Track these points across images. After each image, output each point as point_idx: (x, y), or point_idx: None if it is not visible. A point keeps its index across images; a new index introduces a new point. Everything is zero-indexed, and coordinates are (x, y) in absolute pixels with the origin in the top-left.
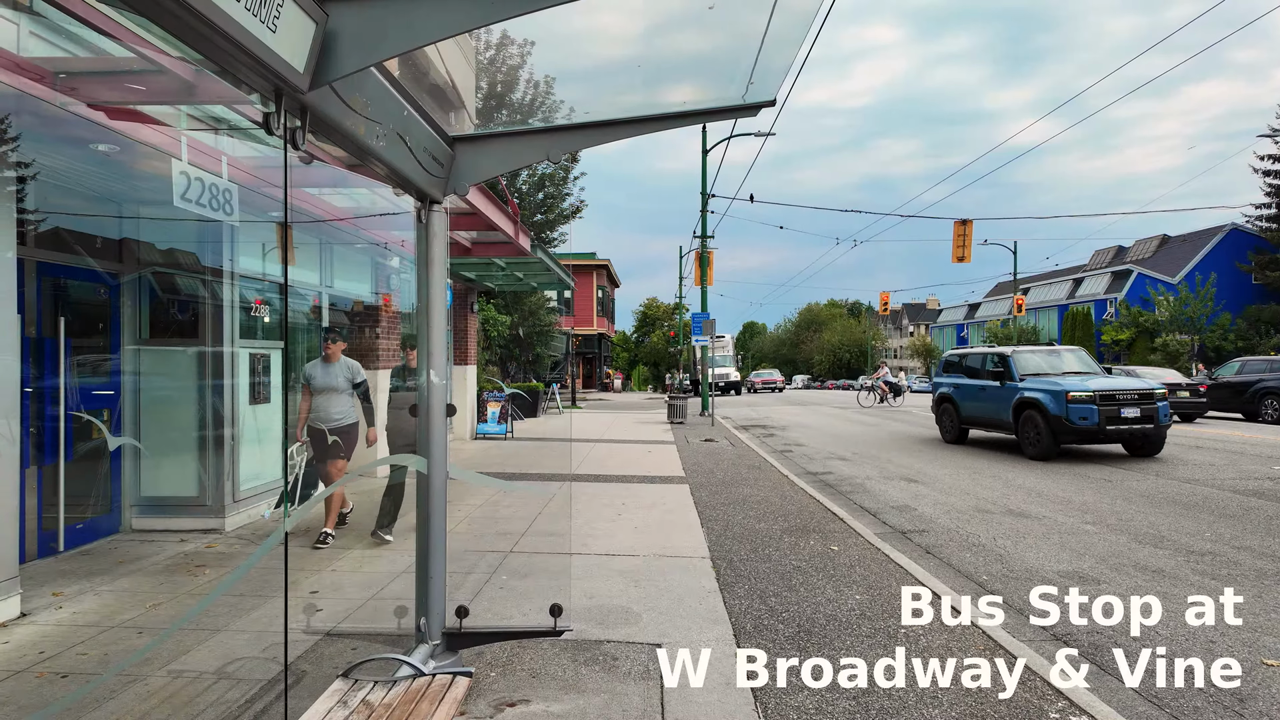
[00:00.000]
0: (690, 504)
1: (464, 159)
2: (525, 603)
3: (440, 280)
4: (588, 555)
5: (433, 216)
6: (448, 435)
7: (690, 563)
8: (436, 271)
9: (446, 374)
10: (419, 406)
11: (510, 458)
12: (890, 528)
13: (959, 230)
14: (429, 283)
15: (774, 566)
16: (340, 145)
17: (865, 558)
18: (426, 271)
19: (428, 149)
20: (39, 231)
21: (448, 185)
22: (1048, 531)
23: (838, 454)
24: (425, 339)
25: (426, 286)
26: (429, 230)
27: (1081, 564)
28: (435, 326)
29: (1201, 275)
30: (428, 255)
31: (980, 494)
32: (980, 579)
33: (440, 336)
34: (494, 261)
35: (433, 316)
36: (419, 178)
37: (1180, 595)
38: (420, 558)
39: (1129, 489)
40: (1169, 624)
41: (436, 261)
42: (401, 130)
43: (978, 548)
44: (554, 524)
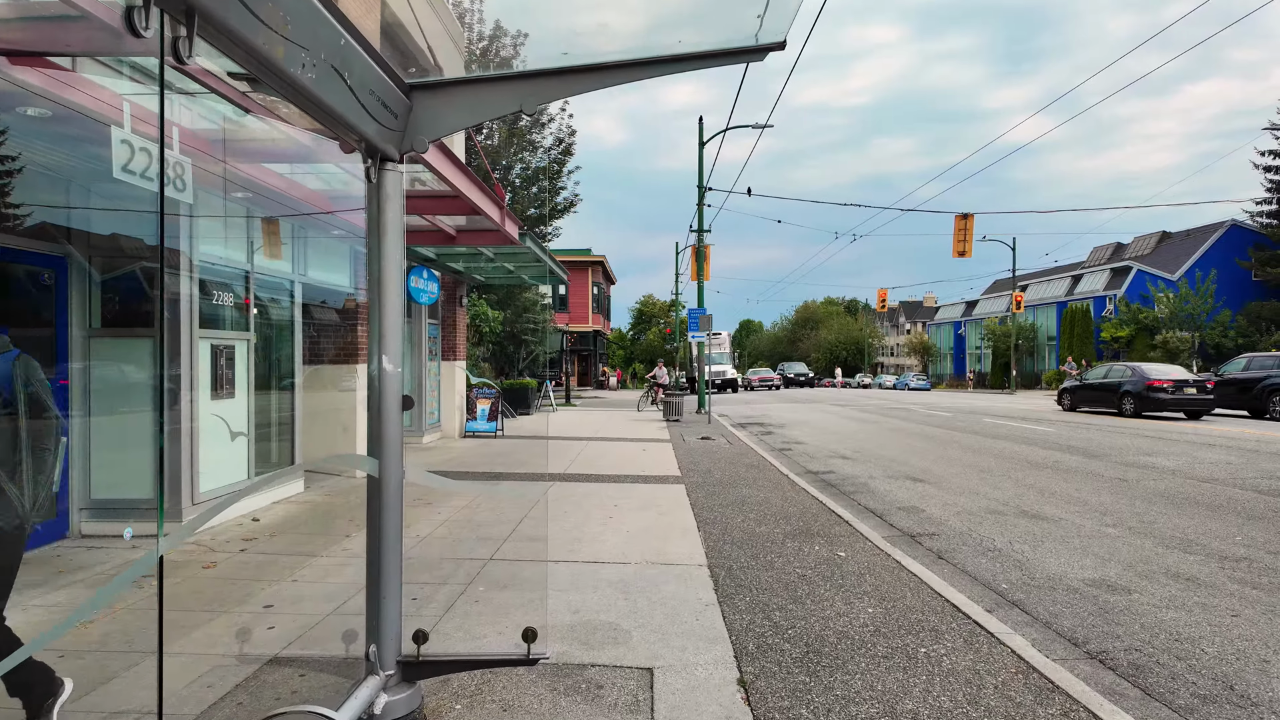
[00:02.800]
0: (686, 505)
1: (423, 110)
2: (503, 619)
3: (394, 252)
4: (575, 563)
5: (385, 176)
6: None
7: (686, 571)
8: (390, 241)
9: (400, 361)
10: (370, 397)
11: (499, 456)
12: (898, 530)
13: (960, 225)
14: (381, 254)
15: (777, 575)
16: (248, 68)
17: (875, 565)
18: (378, 241)
19: (376, 93)
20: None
21: (404, 140)
22: (1067, 535)
23: (839, 452)
24: (377, 319)
25: (378, 258)
26: (380, 192)
27: (1107, 570)
28: (388, 305)
29: (1201, 272)
30: (379, 222)
31: (991, 494)
32: (999, 587)
33: (394, 317)
34: (481, 252)
35: (385, 293)
36: (367, 128)
37: (1221, 606)
38: (371, 577)
39: (1147, 489)
40: (1215, 639)
41: (390, 229)
42: (339, 64)
43: (994, 553)
44: (540, 528)
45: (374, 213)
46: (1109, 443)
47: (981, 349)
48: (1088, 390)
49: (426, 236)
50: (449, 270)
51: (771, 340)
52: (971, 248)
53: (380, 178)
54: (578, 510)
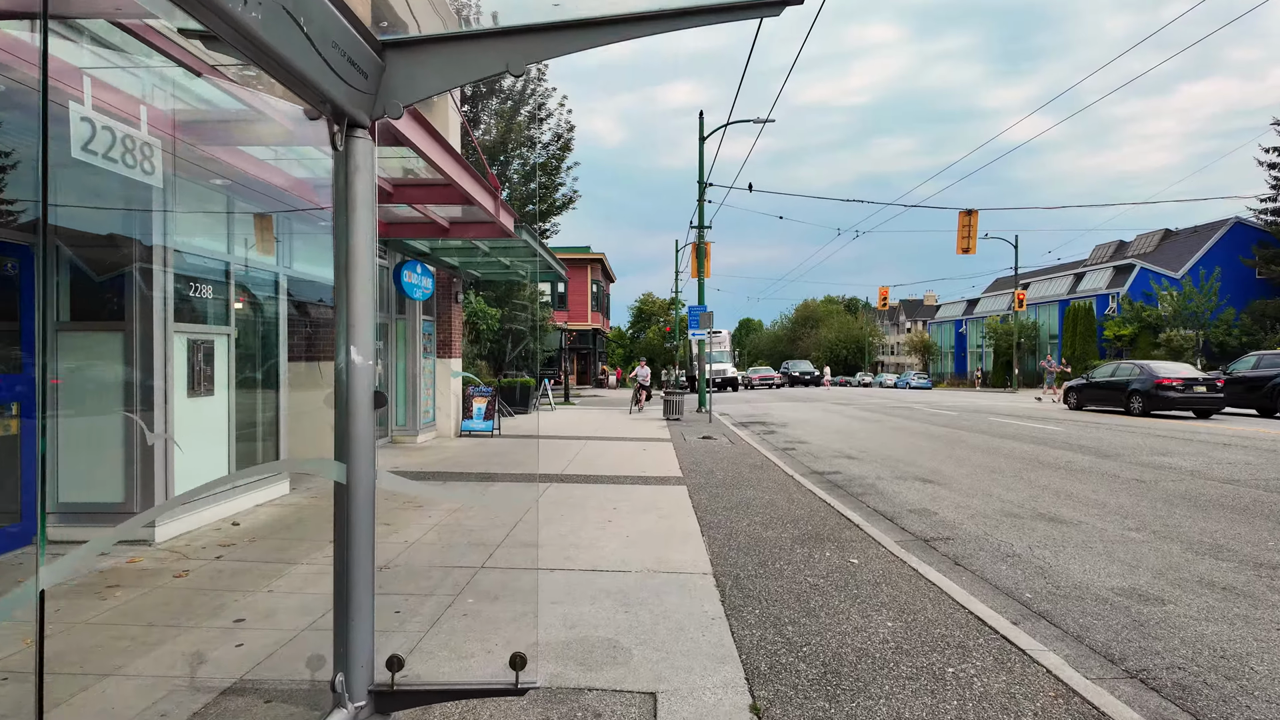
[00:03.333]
0: (689, 508)
1: (398, 70)
2: (492, 635)
3: (365, 230)
4: (571, 571)
5: (354, 144)
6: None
7: (690, 580)
8: (360, 219)
9: (373, 354)
10: (337, 394)
11: (495, 456)
12: (911, 535)
13: (964, 221)
14: (349, 232)
15: (787, 585)
16: (180, 3)
17: (890, 573)
18: (347, 218)
19: (340, 47)
20: None
21: (376, 103)
22: (1089, 539)
23: (844, 452)
24: (344, 306)
25: (346, 237)
26: (348, 162)
27: (1137, 579)
28: (357, 289)
29: (1205, 270)
30: (348, 196)
31: (1004, 496)
32: (1023, 597)
33: (365, 303)
34: (476, 246)
35: (354, 276)
36: (332, 88)
37: (1265, 619)
38: (339, 598)
39: (1166, 491)
40: (1265, 657)
41: (360, 205)
42: (292, 6)
43: (1014, 559)
44: (535, 533)
45: (341, 185)
46: (1121, 442)
47: (983, 347)
48: (1094, 389)
49: (419, 229)
50: (444, 265)
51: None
52: (976, 244)
53: (349, 146)
54: (575, 513)
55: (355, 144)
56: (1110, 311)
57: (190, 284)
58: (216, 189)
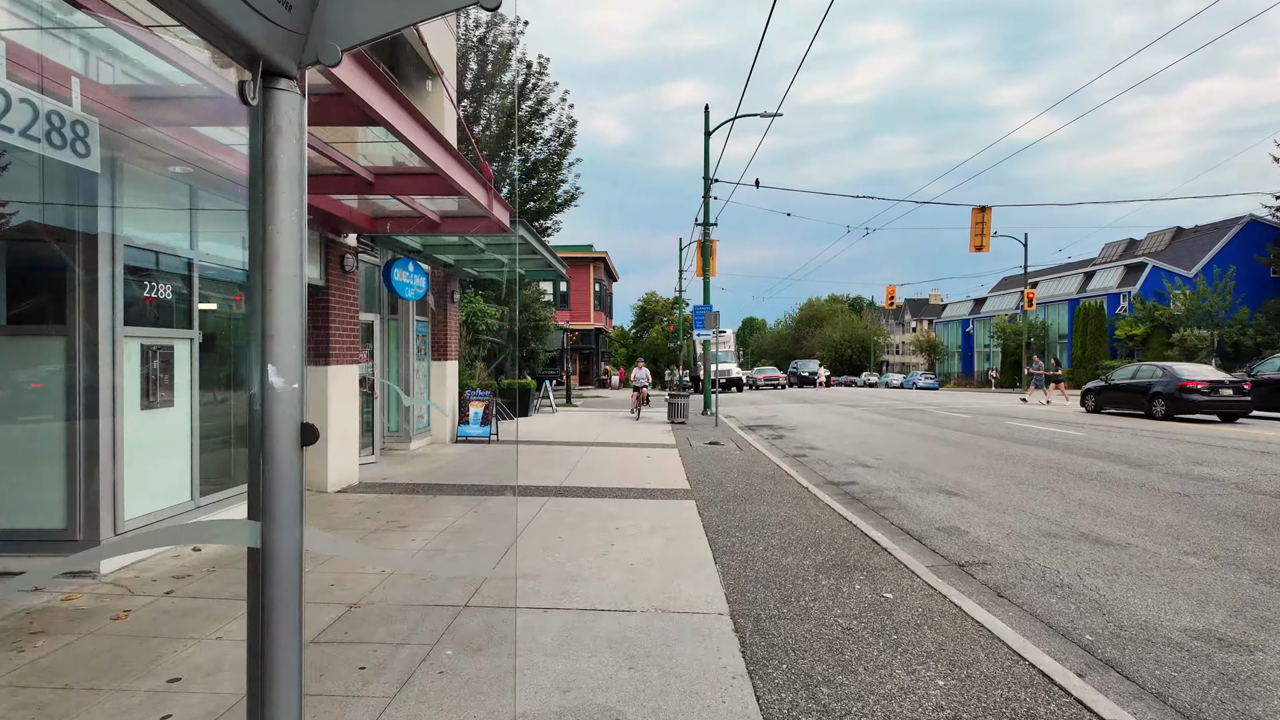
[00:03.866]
0: (698, 527)
1: (333, 4)
2: (472, 703)
3: (290, 211)
4: (567, 610)
5: (275, 98)
6: (303, 478)
7: (704, 623)
8: (284, 196)
9: (301, 372)
10: (251, 428)
11: (490, 465)
12: (944, 559)
13: (977, 218)
14: (268, 214)
15: (816, 628)
16: None
17: (930, 611)
18: (264, 194)
19: None
20: None
21: (306, 45)
22: (1144, 566)
23: (858, 460)
24: (260, 309)
25: (263, 221)
26: (266, 121)
27: (1210, 617)
28: (280, 289)
29: (1219, 268)
30: (265, 166)
31: (1038, 511)
32: (1083, 639)
33: (290, 307)
34: (471, 242)
35: (274, 271)
36: (239, 19)
37: None
38: (252, 696)
39: (1215, 507)
40: None
41: (284, 178)
42: None
43: (1062, 589)
44: (530, 559)
45: (256, 150)
46: (1151, 449)
47: (990, 347)
48: (1114, 391)
49: (407, 223)
50: (438, 264)
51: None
52: (989, 241)
53: (267, 101)
54: (574, 535)
55: (276, 98)
56: (1121, 311)
57: (145, 283)
58: (177, 177)
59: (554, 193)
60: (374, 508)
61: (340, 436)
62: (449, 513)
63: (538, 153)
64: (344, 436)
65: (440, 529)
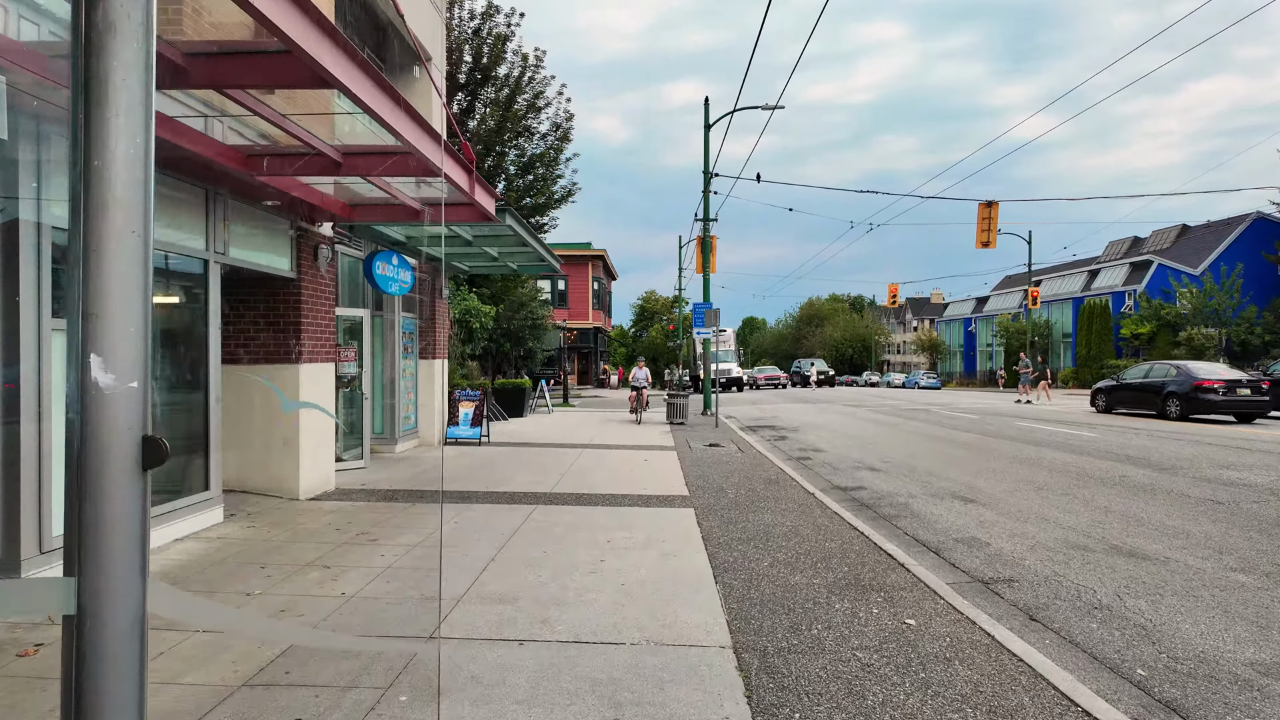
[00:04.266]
0: (697, 540)
1: None
2: None
3: (130, 144)
4: (548, 643)
5: None
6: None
7: (703, 659)
8: (118, 119)
9: (144, 367)
10: (69, 442)
11: (477, 469)
12: (967, 575)
13: (984, 214)
14: (92, 147)
15: (831, 665)
16: None
17: (959, 640)
18: (88, 115)
19: None
20: None
21: None
22: (1189, 584)
23: (865, 462)
24: (80, 272)
25: (86, 150)
26: (97, 10)
27: (1278, 648)
28: (111, 249)
29: (1226, 266)
30: (89, 75)
31: (1062, 520)
32: (1134, 675)
33: (130, 274)
34: (458, 234)
35: (101, 224)
36: None
37: None
38: None
39: (1254, 516)
40: None
41: (117, 93)
42: None
43: (1102, 611)
44: (510, 577)
45: (79, 53)
46: (1171, 451)
47: (993, 346)
48: (1126, 390)
49: (385, 211)
50: (425, 257)
51: (775, 338)
52: (996, 237)
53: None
54: (560, 550)
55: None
56: (1127, 309)
57: None
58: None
59: (550, 188)
60: (346, 517)
61: (314, 440)
62: (427, 523)
63: (534, 147)
64: (319, 440)
65: (415, 542)
